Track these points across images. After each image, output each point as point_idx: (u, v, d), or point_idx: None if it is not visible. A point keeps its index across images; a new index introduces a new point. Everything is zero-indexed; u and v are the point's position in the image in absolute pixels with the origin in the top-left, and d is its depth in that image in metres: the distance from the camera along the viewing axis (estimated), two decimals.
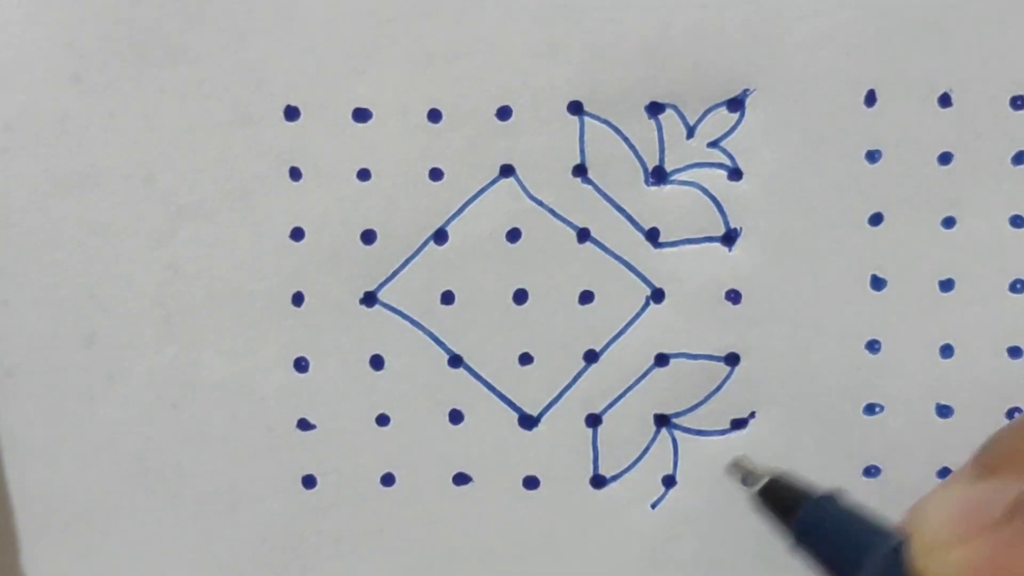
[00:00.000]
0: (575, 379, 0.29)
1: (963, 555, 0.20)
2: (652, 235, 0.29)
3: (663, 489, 0.29)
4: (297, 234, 0.28)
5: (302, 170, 0.28)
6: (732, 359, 0.29)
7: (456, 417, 0.29)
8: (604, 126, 0.28)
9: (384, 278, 0.28)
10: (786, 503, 0.26)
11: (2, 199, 0.28)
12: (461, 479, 0.29)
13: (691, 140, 0.28)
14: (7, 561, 0.29)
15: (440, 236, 0.28)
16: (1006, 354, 0.29)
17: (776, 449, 0.29)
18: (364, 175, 0.28)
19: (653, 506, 0.29)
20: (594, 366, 0.29)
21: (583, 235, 0.29)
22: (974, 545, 0.20)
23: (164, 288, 0.28)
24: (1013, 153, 0.28)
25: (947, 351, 0.29)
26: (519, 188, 0.28)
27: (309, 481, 0.29)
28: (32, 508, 0.29)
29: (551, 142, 0.28)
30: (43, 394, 0.28)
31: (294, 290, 0.28)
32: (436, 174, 0.28)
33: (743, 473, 0.28)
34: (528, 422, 0.29)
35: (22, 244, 0.28)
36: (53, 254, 0.28)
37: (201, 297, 0.28)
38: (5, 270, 0.28)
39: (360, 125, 0.28)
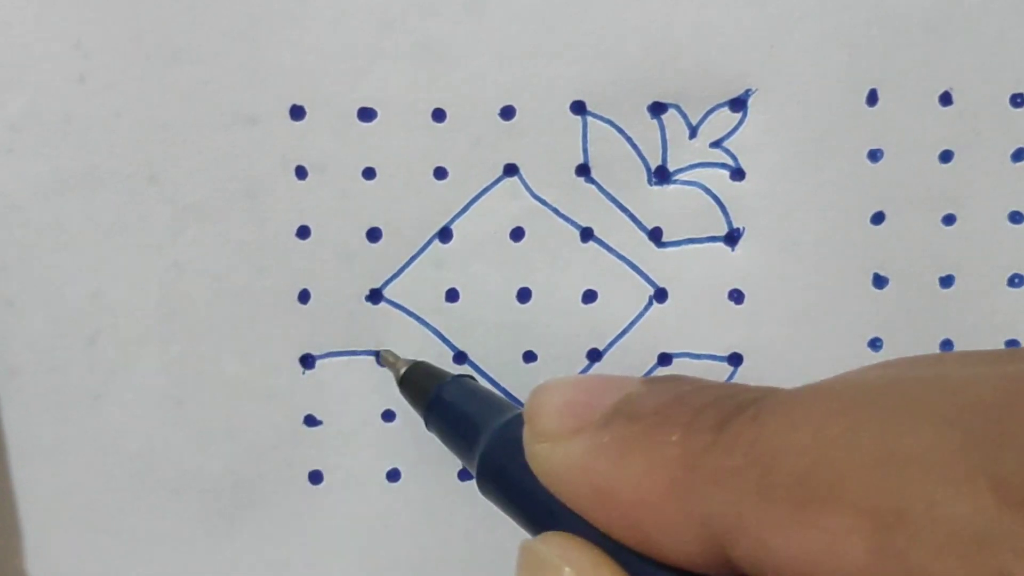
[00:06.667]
0: None
1: (562, 452, 0.18)
2: (655, 235, 0.29)
3: None
4: (303, 232, 0.28)
5: (308, 169, 0.28)
6: (735, 359, 0.29)
7: None
8: (607, 126, 0.28)
9: (389, 276, 0.29)
10: (423, 387, 0.26)
11: (7, 198, 0.28)
12: (466, 475, 0.29)
13: (694, 140, 0.28)
14: (11, 560, 0.29)
15: (445, 234, 0.28)
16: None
17: None
18: (369, 174, 0.28)
19: None
20: (597, 365, 0.29)
21: (586, 234, 0.29)
22: (574, 443, 0.18)
23: (169, 287, 0.28)
24: (1013, 150, 0.28)
25: (948, 346, 0.29)
26: (523, 187, 0.28)
27: (315, 477, 0.29)
28: (36, 507, 0.29)
29: (554, 142, 0.28)
30: (47, 393, 0.28)
31: (300, 288, 0.28)
32: (440, 173, 0.28)
33: (388, 363, 0.28)
34: None
35: (27, 243, 0.28)
36: (57, 253, 0.28)
37: (206, 296, 0.28)
38: (9, 269, 0.28)
39: (365, 124, 0.28)
